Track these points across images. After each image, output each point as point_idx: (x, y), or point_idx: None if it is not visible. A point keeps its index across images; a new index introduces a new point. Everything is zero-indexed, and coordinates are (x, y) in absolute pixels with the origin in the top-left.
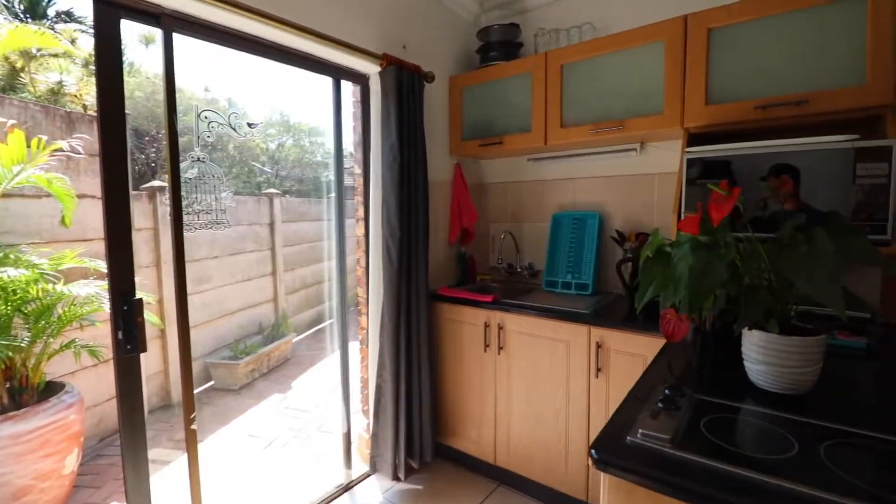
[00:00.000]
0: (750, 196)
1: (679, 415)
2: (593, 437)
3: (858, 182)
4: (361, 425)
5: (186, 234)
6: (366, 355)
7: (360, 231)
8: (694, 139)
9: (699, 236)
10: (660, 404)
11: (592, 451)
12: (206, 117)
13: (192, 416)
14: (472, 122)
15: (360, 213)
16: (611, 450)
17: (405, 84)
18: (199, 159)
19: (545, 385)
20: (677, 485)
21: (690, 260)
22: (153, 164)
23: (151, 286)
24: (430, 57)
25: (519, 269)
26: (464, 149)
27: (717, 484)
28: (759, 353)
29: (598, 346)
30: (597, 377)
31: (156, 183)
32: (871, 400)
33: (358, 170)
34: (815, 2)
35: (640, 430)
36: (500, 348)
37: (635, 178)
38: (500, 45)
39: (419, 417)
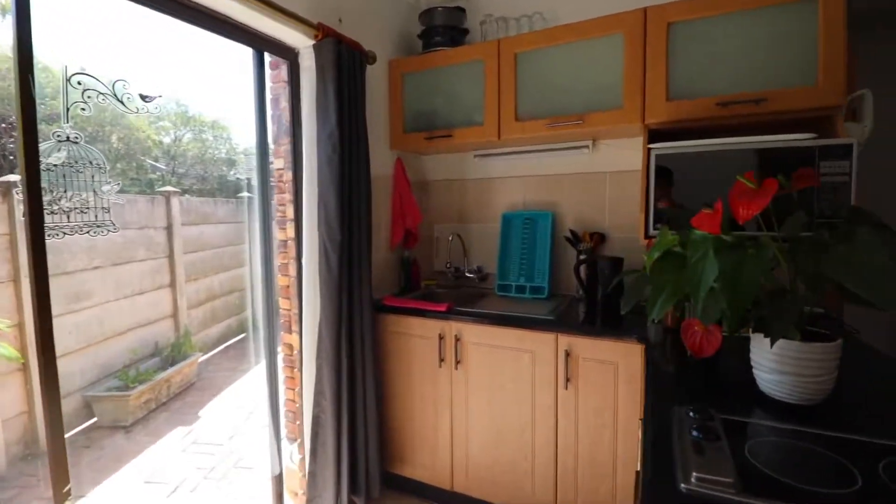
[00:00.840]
0: (698, 195)
1: (722, 445)
2: (562, 453)
3: (822, 180)
4: (290, 457)
5: (54, 241)
6: (296, 378)
7: (285, 234)
8: (652, 136)
9: (723, 235)
10: (695, 432)
11: None
12: (79, 83)
13: (65, 488)
14: (416, 113)
15: (287, 213)
16: None
17: (345, 61)
18: (68, 139)
19: (509, 400)
20: None
21: (715, 263)
22: (12, 157)
23: (9, 307)
24: (368, 36)
25: (467, 273)
26: (406, 142)
27: None
28: (775, 362)
29: (567, 354)
30: (566, 388)
31: (11, 177)
32: (883, 404)
33: (282, 163)
34: (770, 1)
35: (693, 474)
36: (458, 362)
37: (587, 177)
38: (445, 29)
39: (365, 448)
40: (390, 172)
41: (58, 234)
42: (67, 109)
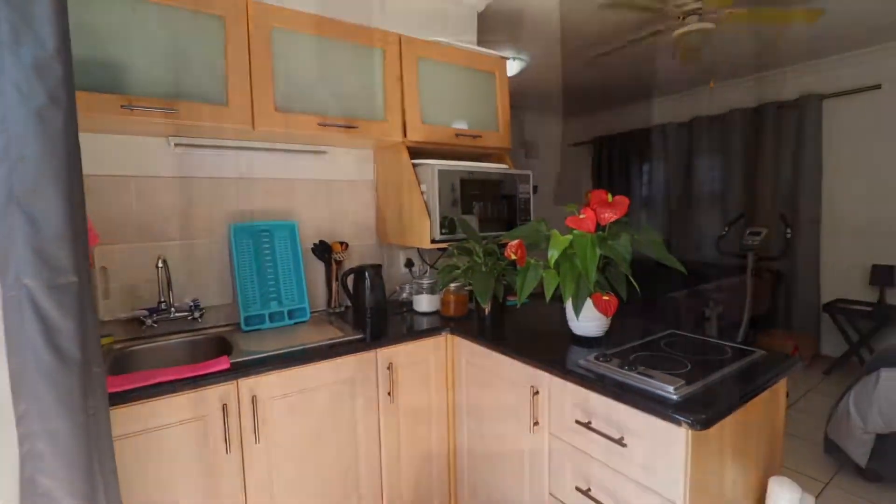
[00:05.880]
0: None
1: (641, 369)
2: (388, 478)
3: (520, 196)
4: None
5: None
6: None
7: None
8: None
9: (599, 233)
10: (627, 368)
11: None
12: None
13: None
14: (85, 61)
15: None
16: (711, 409)
17: None
18: None
19: (327, 452)
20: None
21: (597, 251)
22: None
23: None
24: None
25: (175, 314)
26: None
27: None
28: (596, 311)
29: (389, 367)
30: (391, 403)
31: None
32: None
33: None
34: (471, 65)
35: (670, 387)
36: (257, 434)
37: (326, 185)
38: None
39: None
40: None
41: None
42: None
